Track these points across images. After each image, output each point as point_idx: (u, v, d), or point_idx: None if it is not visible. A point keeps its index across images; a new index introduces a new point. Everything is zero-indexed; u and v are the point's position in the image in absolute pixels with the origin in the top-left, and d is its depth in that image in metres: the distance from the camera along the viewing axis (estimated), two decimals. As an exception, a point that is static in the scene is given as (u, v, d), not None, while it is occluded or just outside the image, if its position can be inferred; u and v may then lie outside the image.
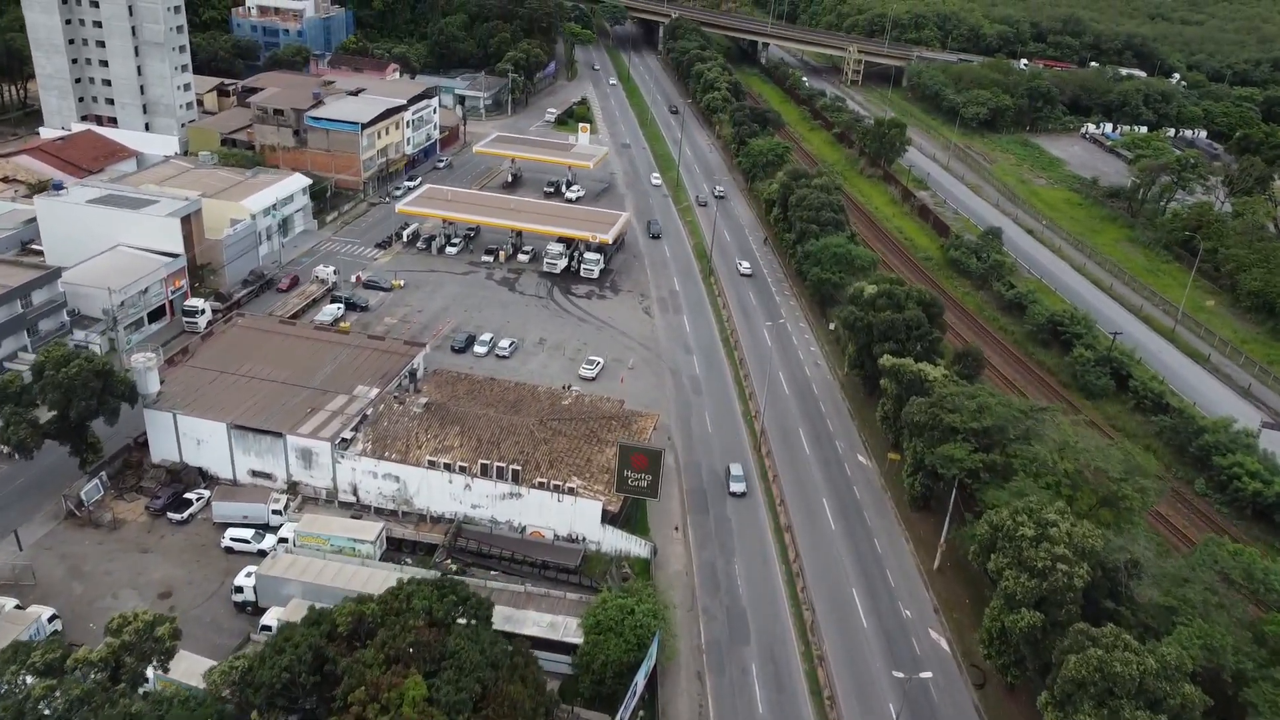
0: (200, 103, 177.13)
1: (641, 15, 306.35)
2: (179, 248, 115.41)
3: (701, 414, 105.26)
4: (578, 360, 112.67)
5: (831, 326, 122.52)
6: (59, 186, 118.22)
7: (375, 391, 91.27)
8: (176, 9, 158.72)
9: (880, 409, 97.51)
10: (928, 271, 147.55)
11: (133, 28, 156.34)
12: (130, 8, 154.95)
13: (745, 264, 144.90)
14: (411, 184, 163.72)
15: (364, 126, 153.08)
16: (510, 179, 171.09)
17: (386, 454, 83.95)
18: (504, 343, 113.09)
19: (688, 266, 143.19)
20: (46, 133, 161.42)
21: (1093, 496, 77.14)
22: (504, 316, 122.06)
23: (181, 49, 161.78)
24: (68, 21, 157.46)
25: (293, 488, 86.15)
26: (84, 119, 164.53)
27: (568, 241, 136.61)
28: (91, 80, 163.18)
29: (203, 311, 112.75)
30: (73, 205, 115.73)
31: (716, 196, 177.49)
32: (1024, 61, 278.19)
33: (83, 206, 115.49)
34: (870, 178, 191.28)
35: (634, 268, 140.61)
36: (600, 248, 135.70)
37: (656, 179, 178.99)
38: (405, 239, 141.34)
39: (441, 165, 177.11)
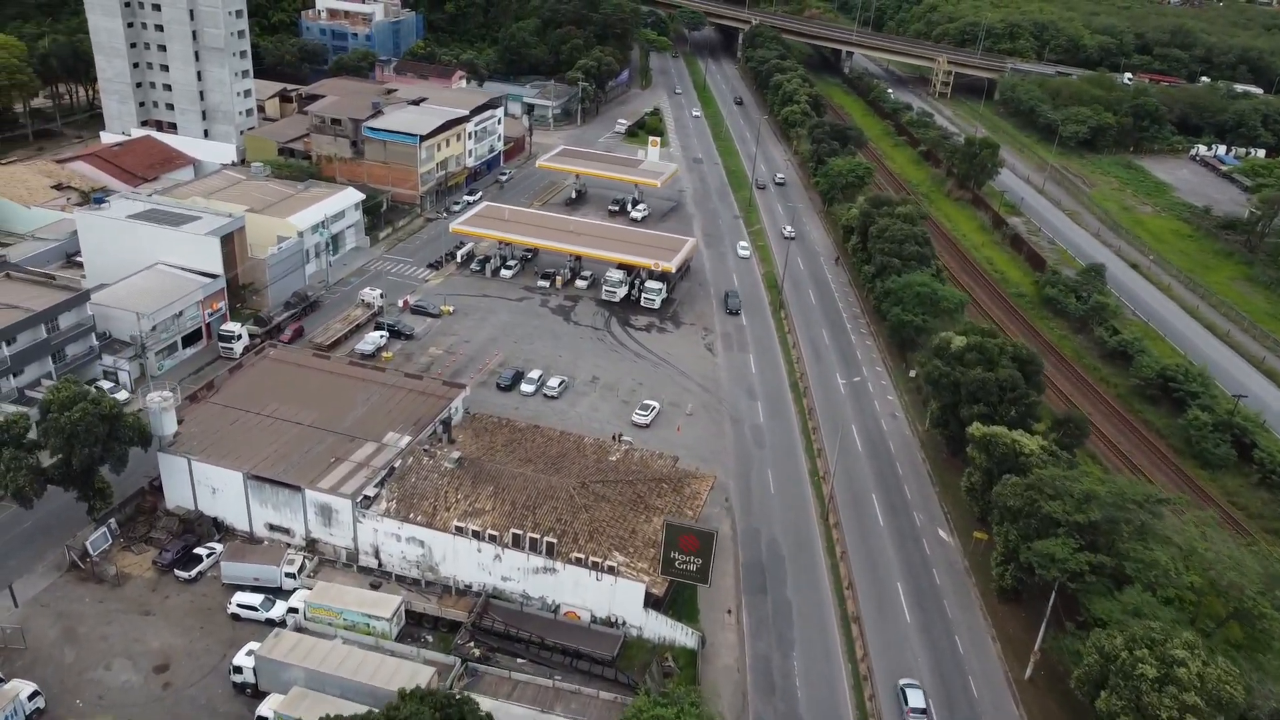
0: (262, 109, 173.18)
1: (720, 21, 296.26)
2: (218, 268, 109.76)
3: (764, 471, 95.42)
4: (631, 403, 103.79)
5: (912, 374, 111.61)
6: (100, 200, 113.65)
7: (406, 439, 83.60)
8: (238, 13, 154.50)
9: (966, 479, 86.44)
10: (1020, 310, 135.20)
11: (193, 32, 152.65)
12: (191, 12, 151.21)
13: (789, 229, 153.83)
14: (471, 198, 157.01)
15: (423, 139, 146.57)
16: (574, 195, 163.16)
17: (412, 515, 76.15)
18: (553, 381, 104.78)
19: (757, 298, 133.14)
20: (107, 137, 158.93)
21: (1222, 608, 65.55)
22: (556, 350, 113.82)
23: (242, 54, 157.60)
24: (129, 25, 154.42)
25: (311, 545, 78.98)
26: (144, 124, 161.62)
27: (629, 268, 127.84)
28: (153, 85, 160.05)
29: (239, 336, 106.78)
30: (112, 220, 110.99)
31: (777, 183, 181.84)
32: (1127, 76, 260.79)
33: (122, 222, 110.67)
34: (958, 201, 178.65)
35: (698, 298, 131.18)
36: (663, 276, 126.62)
37: (745, 249, 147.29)
38: (459, 260, 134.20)
39: (504, 178, 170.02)
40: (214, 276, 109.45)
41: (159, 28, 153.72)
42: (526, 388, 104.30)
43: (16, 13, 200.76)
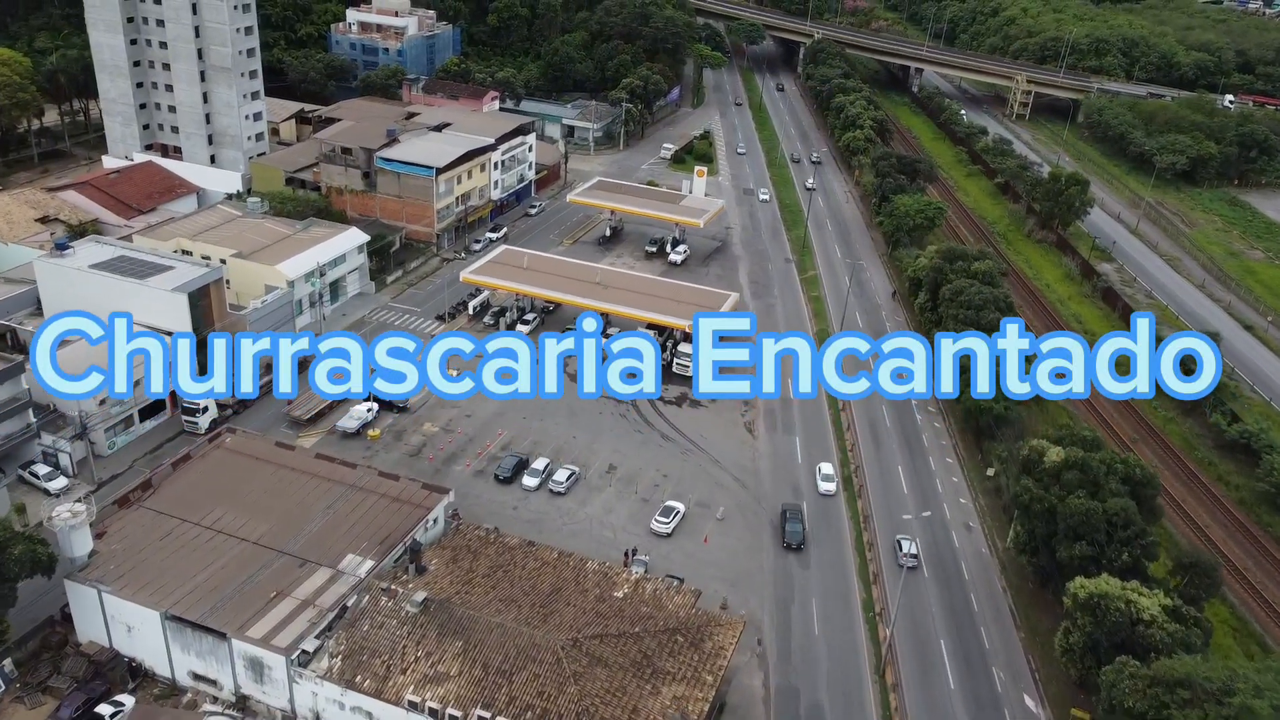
0: (276, 132, 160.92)
1: (781, 34, 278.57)
2: (187, 327, 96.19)
3: (807, 602, 78.59)
4: (652, 503, 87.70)
5: (990, 472, 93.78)
6: (63, 245, 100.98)
7: (368, 566, 68.66)
8: (248, 30, 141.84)
9: (1063, 637, 68.60)
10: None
11: (199, 50, 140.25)
12: (197, 29, 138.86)
13: (811, 181, 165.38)
14: (494, 235, 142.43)
15: (439, 171, 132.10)
16: (608, 233, 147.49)
17: (359, 678, 60.99)
18: (560, 474, 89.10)
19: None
20: (109, 161, 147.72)
21: None
22: (570, 428, 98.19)
23: (252, 74, 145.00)
24: (133, 42, 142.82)
25: (243, 703, 64.38)
26: (149, 148, 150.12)
27: (660, 328, 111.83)
28: (158, 106, 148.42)
29: (204, 409, 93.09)
30: (74, 270, 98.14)
31: (814, 162, 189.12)
32: (1229, 98, 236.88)
33: (84, 272, 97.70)
34: (1040, 243, 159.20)
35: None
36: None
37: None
38: (472, 311, 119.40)
39: (534, 211, 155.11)
40: (183, 337, 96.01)
41: (163, 45, 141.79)
42: (529, 480, 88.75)
43: (42, 23, 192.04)
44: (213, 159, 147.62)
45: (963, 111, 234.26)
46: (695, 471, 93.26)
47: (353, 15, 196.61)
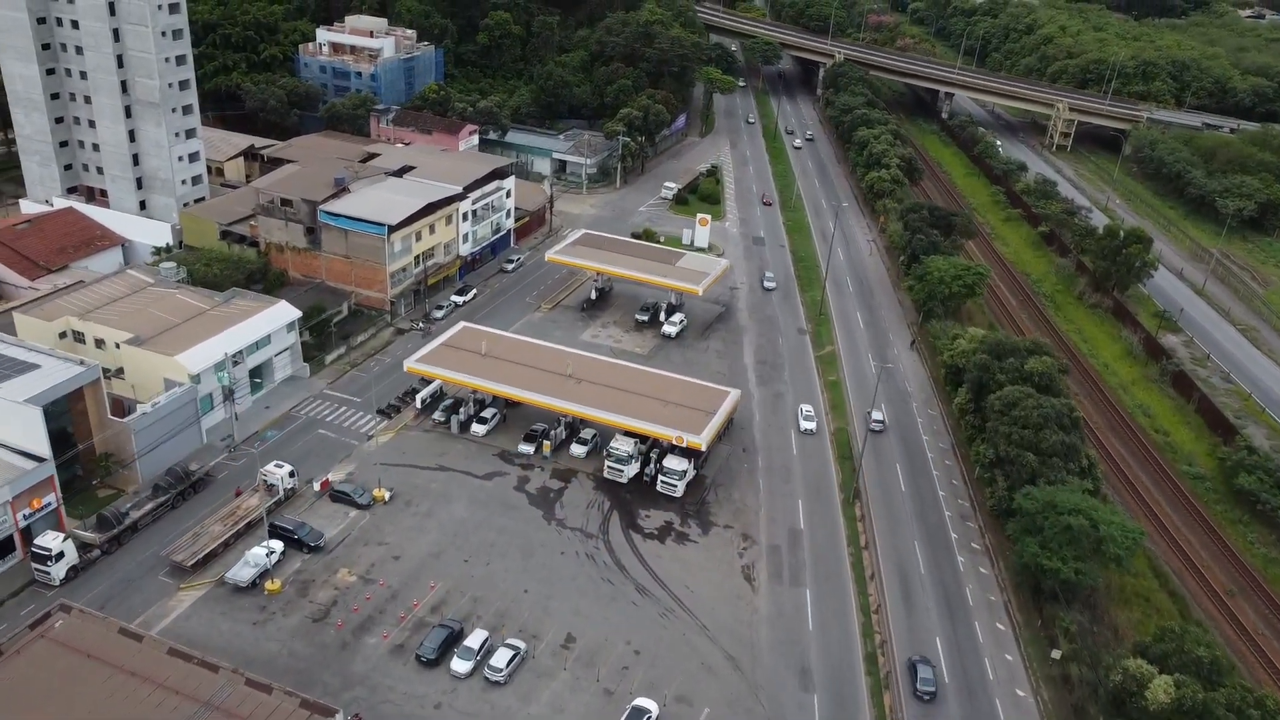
0: (220, 172, 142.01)
1: (800, 54, 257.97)
2: (44, 448, 77.00)
3: None
4: (616, 696, 67.81)
5: (1055, 655, 73.22)
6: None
7: None
8: (180, 59, 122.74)
9: None
10: (1197, 501, 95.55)
11: (123, 82, 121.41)
12: (120, 58, 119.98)
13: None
14: (460, 299, 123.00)
15: (393, 229, 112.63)
16: (594, 295, 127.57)
17: None
18: (501, 656, 68.97)
19: (820, 475, 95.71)
20: (26, 206, 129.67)
21: None
22: (521, 578, 78.29)
23: (186, 109, 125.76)
24: (50, 72, 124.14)
25: None
26: (72, 190, 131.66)
27: (642, 435, 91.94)
28: (80, 144, 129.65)
29: (59, 555, 73.72)
30: (-88, 371, 79.36)
31: (807, 139, 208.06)
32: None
33: (-78, 375, 78.89)
34: (1094, 309, 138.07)
35: (739, 476, 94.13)
36: (689, 451, 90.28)
37: None
38: (420, 404, 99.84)
39: (512, 266, 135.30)
40: (39, 460, 76.88)
41: (84, 75, 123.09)
42: (460, 665, 68.73)
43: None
44: (143, 205, 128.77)
45: (999, 144, 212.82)
46: (675, 645, 73.15)
47: (323, 35, 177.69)
